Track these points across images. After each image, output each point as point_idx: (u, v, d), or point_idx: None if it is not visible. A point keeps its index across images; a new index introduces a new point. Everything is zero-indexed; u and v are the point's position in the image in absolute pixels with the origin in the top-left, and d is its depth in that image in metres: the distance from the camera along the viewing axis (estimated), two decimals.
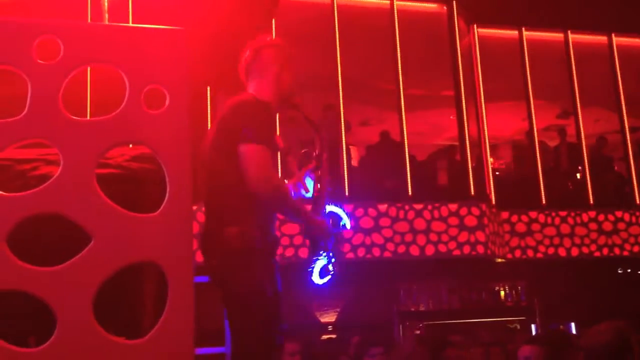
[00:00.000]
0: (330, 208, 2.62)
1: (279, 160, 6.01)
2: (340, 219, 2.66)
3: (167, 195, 1.60)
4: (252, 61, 2.54)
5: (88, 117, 1.69)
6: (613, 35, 9.76)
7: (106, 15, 7.43)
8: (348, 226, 2.72)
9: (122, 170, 1.83)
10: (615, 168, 10.17)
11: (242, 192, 2.28)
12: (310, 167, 2.61)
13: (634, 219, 8.94)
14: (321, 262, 2.50)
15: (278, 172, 2.40)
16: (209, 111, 6.78)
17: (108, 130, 1.61)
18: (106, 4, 7.84)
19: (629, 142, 9.52)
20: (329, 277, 2.52)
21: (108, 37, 1.69)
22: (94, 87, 6.95)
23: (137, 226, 1.58)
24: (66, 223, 1.53)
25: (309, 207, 2.64)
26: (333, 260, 2.50)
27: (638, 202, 9.18)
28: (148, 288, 1.74)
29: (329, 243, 2.49)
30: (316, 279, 2.51)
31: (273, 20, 7.66)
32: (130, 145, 1.94)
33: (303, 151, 2.69)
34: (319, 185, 2.56)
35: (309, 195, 2.59)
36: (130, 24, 6.92)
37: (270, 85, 2.50)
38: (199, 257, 2.29)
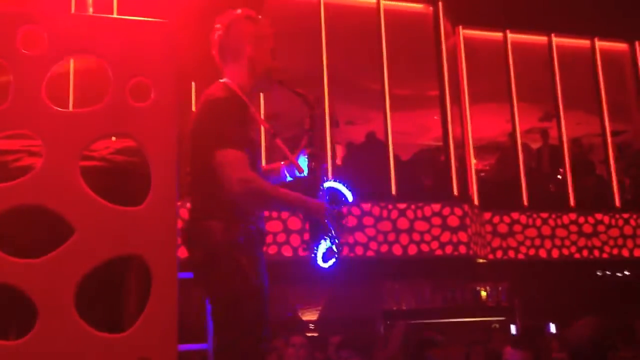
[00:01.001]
0: (329, 184, 2.51)
1: (262, 146, 6.01)
2: (341, 193, 2.52)
3: (151, 188, 1.59)
4: (223, 40, 2.43)
5: (71, 109, 1.67)
6: (596, 39, 9.87)
7: (90, 9, 7.36)
8: (350, 199, 2.52)
9: (106, 163, 1.81)
10: (596, 170, 10.29)
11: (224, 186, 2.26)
12: (302, 145, 2.53)
13: (613, 222, 9.05)
14: (324, 245, 2.40)
15: (254, 170, 2.34)
16: (193, 107, 6.74)
17: (92, 122, 1.60)
18: None
19: (610, 145, 9.64)
20: (334, 259, 2.42)
21: (93, 28, 1.67)
22: (77, 79, 6.88)
23: (121, 219, 1.57)
24: (49, 215, 1.51)
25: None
26: (337, 241, 2.40)
27: (618, 204, 9.29)
28: (131, 281, 1.72)
29: (329, 224, 2.39)
30: (321, 262, 2.41)
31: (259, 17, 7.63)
32: (114, 138, 1.92)
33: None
34: (312, 163, 2.48)
35: (304, 174, 2.50)
36: (115, 16, 6.86)
37: (244, 68, 2.41)
38: (182, 253, 2.27)
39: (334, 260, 2.42)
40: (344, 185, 2.54)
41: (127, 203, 1.59)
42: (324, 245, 2.40)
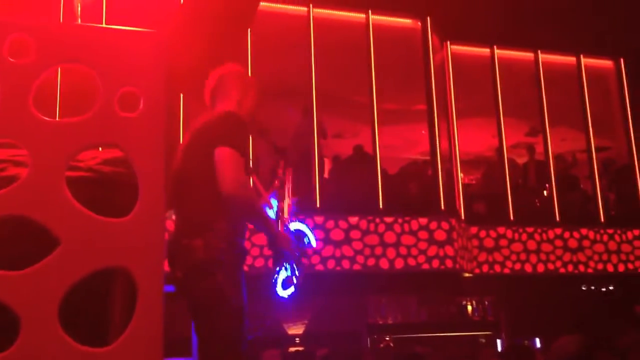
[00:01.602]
0: (295, 225, 2.70)
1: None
2: (305, 235, 2.73)
3: (139, 199, 1.57)
4: (215, 87, 2.64)
5: (57, 118, 1.65)
6: (581, 56, 10.00)
7: (79, 20, 7.34)
8: (314, 244, 2.80)
9: (93, 173, 1.79)
10: (581, 185, 10.38)
11: (209, 204, 2.29)
12: (274, 187, 2.69)
13: (598, 237, 9.11)
14: (283, 274, 2.53)
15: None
16: (181, 119, 6.72)
17: (80, 132, 1.58)
18: (79, 4, 7.74)
19: (594, 161, 9.73)
20: (292, 289, 2.57)
21: (82, 37, 1.65)
22: (64, 89, 6.85)
23: (107, 231, 1.55)
24: (34, 226, 1.49)
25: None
26: (296, 273, 2.55)
27: (603, 220, 9.36)
28: (116, 294, 1.70)
29: (291, 256, 2.52)
30: (279, 290, 2.55)
31: (249, 30, 7.64)
32: (100, 149, 1.90)
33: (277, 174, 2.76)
34: (283, 203, 2.64)
35: (272, 214, 2.65)
36: (103, 25, 6.84)
37: (233, 107, 2.57)
38: (166, 266, 2.27)
39: (291, 290, 2.57)
40: (309, 229, 2.76)
41: (114, 214, 1.57)
42: (283, 274, 2.54)
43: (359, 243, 7.59)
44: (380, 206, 7.96)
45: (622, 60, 10.22)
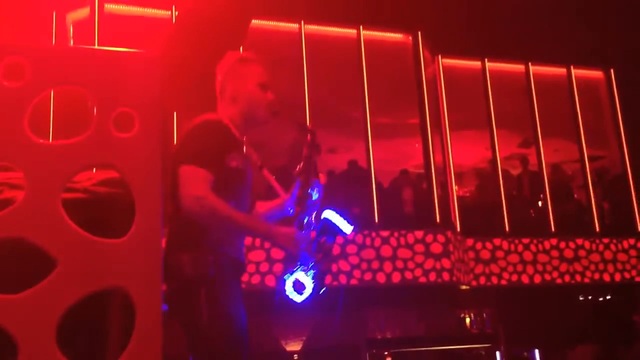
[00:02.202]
0: (326, 214, 2.42)
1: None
2: (334, 226, 2.39)
3: (135, 220, 1.57)
4: (221, 84, 2.54)
5: (50, 140, 1.66)
6: (572, 67, 10.08)
7: (71, 41, 7.36)
8: (347, 231, 2.39)
9: (88, 194, 1.79)
10: (575, 195, 10.42)
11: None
12: (300, 170, 2.51)
13: (594, 247, 9.13)
14: (294, 276, 2.30)
15: (227, 196, 2.32)
16: (174, 136, 6.73)
17: (75, 153, 1.58)
18: (71, 26, 7.78)
19: (588, 171, 9.78)
20: (309, 292, 2.28)
21: (77, 59, 1.66)
22: (57, 110, 6.85)
23: (104, 252, 1.55)
24: (31, 248, 1.49)
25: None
26: (312, 272, 2.29)
27: (598, 229, 9.38)
28: (114, 315, 1.69)
29: (303, 254, 2.30)
30: (291, 295, 2.30)
31: (241, 48, 7.68)
32: (94, 170, 1.90)
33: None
34: (305, 189, 2.46)
35: (312, 202, 2.45)
36: (97, 47, 6.87)
37: (236, 106, 2.48)
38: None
39: (309, 293, 2.30)
40: (342, 216, 2.42)
41: (111, 235, 1.57)
42: (295, 276, 2.30)
43: (355, 257, 7.58)
44: (376, 220, 7.97)
45: (612, 70, 10.31)
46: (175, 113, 6.51)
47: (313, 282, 2.30)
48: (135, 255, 1.55)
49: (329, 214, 2.43)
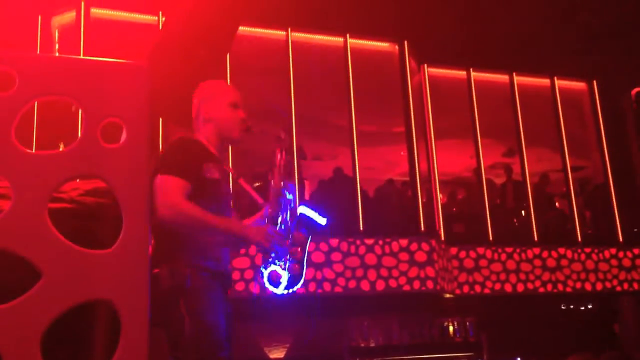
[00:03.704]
0: (301, 210, 2.60)
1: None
2: (310, 219, 2.59)
3: (122, 231, 1.57)
4: (196, 111, 2.65)
5: (34, 150, 1.65)
6: (555, 78, 10.19)
7: (56, 45, 7.31)
8: (322, 222, 2.61)
9: (75, 204, 1.78)
10: (557, 205, 10.51)
11: (172, 231, 2.29)
12: (274, 176, 2.60)
13: (576, 256, 9.21)
14: (270, 268, 2.43)
15: (190, 199, 2.37)
16: (160, 145, 6.71)
17: (63, 164, 1.57)
18: (57, 30, 7.72)
19: (570, 180, 9.87)
20: (285, 285, 2.45)
21: (64, 69, 1.66)
22: (41, 120, 6.78)
23: (90, 263, 1.54)
24: (16, 259, 1.47)
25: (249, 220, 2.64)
26: (288, 265, 2.45)
27: (580, 239, 9.47)
28: (99, 327, 1.68)
29: (278, 248, 2.42)
30: (270, 287, 2.45)
31: (228, 55, 7.68)
32: (78, 180, 1.89)
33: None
34: (274, 190, 2.55)
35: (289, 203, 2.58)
36: (82, 56, 6.83)
37: (211, 129, 2.58)
38: None
39: (284, 285, 2.44)
40: (315, 210, 2.60)
41: (97, 246, 1.56)
42: (271, 269, 2.44)
43: (339, 265, 7.58)
44: (361, 228, 7.98)
45: (594, 82, 10.44)
46: (161, 122, 6.48)
47: (289, 275, 2.45)
48: (121, 266, 1.55)
49: (303, 209, 2.61)
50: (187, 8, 5.09)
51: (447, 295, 8.36)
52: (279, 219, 2.53)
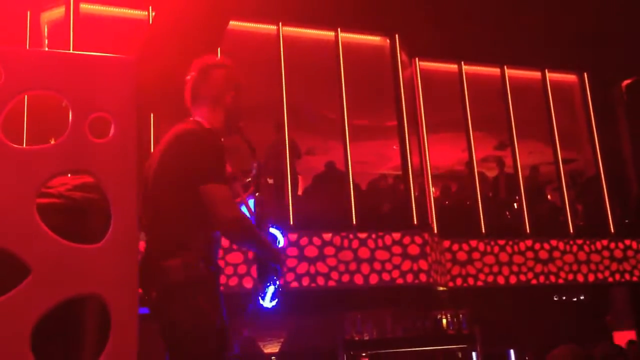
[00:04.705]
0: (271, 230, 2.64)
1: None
2: (276, 239, 2.66)
3: (111, 225, 1.57)
4: (200, 84, 2.46)
5: (24, 145, 1.64)
6: (546, 71, 10.22)
7: (46, 41, 7.26)
8: (281, 243, 2.71)
9: (63, 199, 1.78)
10: (549, 197, 10.55)
11: (184, 223, 2.25)
12: (250, 191, 2.59)
13: (568, 248, 9.26)
14: (272, 288, 2.48)
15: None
16: (152, 139, 6.68)
17: (50, 159, 1.57)
18: (46, 26, 7.68)
19: (562, 173, 9.92)
20: (276, 300, 2.53)
21: (52, 64, 1.65)
22: (31, 115, 6.75)
23: (79, 258, 1.53)
24: (4, 255, 1.47)
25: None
26: (277, 283, 2.51)
27: (572, 231, 9.52)
28: (89, 322, 1.68)
29: (279, 269, 2.46)
30: (267, 303, 2.49)
31: (218, 49, 7.66)
32: (69, 175, 1.88)
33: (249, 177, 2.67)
34: (258, 208, 2.54)
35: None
36: (72, 51, 6.79)
37: (221, 111, 2.44)
38: None
39: (275, 300, 2.50)
40: (278, 230, 2.67)
41: (86, 240, 1.56)
42: (272, 288, 2.48)
43: (333, 259, 7.59)
44: (354, 222, 7.99)
45: (585, 74, 10.47)
46: (152, 116, 6.46)
47: (274, 289, 2.50)
48: (111, 261, 1.54)
49: (273, 230, 2.64)
50: (177, 3, 5.07)
51: (440, 288, 8.39)
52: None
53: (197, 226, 2.27)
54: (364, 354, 8.13)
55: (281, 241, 2.70)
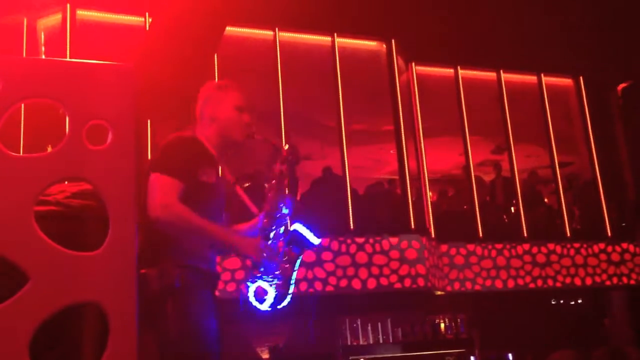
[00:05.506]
0: (295, 227, 2.50)
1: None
2: (302, 237, 2.47)
3: (109, 233, 1.57)
4: (200, 109, 2.62)
5: (21, 153, 1.64)
6: (542, 75, 10.25)
7: (42, 48, 7.26)
8: (315, 242, 2.50)
9: (61, 207, 1.78)
10: (546, 201, 10.57)
11: (162, 231, 2.27)
12: (271, 187, 2.55)
13: (565, 251, 9.27)
14: (257, 284, 2.38)
15: (183, 202, 2.34)
16: (149, 146, 6.68)
17: (48, 166, 1.57)
18: (42, 32, 7.68)
19: (559, 176, 9.94)
20: (271, 301, 2.36)
21: (49, 72, 1.66)
22: (28, 123, 6.74)
23: (78, 265, 1.54)
24: (2, 263, 1.47)
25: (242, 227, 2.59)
26: (275, 281, 2.38)
27: (569, 234, 9.54)
28: (87, 329, 1.68)
29: (267, 263, 2.38)
30: (254, 302, 2.39)
31: (215, 55, 7.67)
32: (67, 182, 1.88)
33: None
34: (274, 204, 2.49)
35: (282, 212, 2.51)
36: (69, 58, 6.80)
37: (206, 126, 2.56)
38: None
39: (270, 302, 2.37)
40: (309, 229, 2.51)
41: (84, 248, 1.56)
42: (258, 284, 2.38)
43: (330, 264, 7.59)
44: (351, 227, 7.99)
45: (581, 78, 10.51)
46: (149, 122, 6.46)
47: (275, 292, 2.37)
48: (109, 268, 1.55)
49: (297, 227, 2.51)
50: (174, 9, 5.08)
51: (438, 293, 8.39)
52: (272, 233, 2.48)
53: (175, 234, 2.30)
54: (362, 359, 8.13)
55: (311, 238, 2.49)
